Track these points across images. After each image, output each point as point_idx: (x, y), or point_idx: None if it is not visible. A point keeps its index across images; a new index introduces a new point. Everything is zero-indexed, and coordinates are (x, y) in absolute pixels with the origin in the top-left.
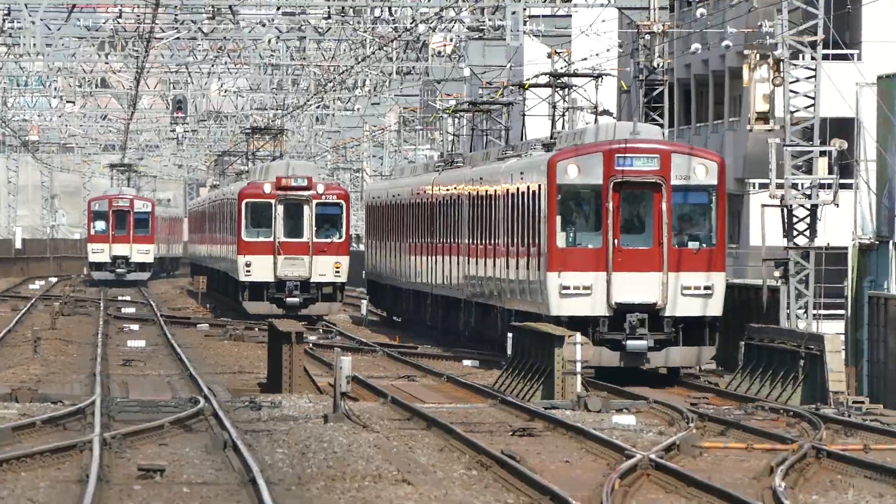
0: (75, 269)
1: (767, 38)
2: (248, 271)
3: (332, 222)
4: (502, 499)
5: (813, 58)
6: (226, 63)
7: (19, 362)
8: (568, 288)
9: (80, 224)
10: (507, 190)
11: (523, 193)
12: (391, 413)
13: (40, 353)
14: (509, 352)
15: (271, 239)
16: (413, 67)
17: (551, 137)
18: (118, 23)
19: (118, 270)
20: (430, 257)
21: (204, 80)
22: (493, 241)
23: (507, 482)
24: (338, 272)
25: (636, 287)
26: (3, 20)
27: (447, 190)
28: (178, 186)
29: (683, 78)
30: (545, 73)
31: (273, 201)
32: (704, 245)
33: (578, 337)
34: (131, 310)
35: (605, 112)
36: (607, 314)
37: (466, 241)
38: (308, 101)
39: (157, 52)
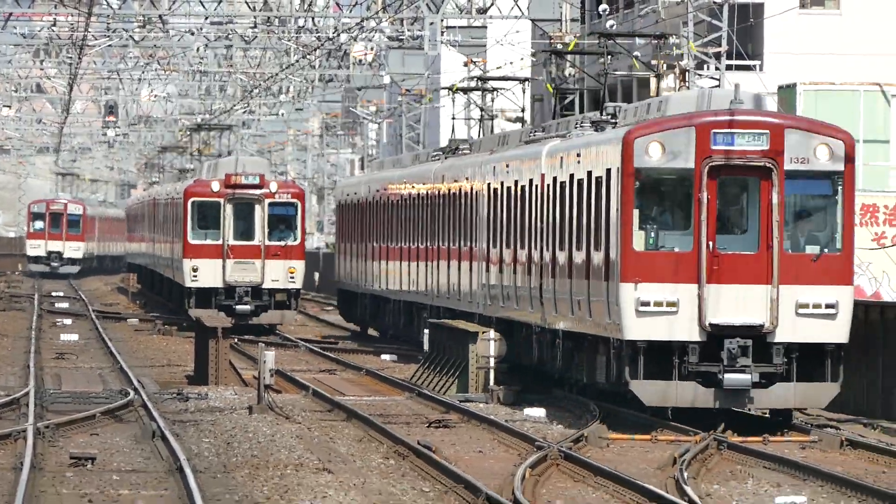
0: (10, 266)
1: (674, 49)
2: (195, 276)
3: (286, 223)
4: (418, 487)
5: (717, 68)
6: (156, 70)
7: None
8: (648, 304)
9: (16, 223)
10: (555, 178)
11: (580, 181)
12: (313, 405)
13: None
14: (426, 347)
15: (220, 241)
16: (335, 75)
17: (606, 113)
18: (52, 31)
19: (52, 263)
20: (429, 263)
21: (135, 86)
22: (528, 243)
23: (423, 471)
24: (292, 278)
25: (737, 304)
26: None
27: (456, 181)
28: (110, 188)
29: (593, 87)
30: (477, 77)
31: (222, 200)
32: (827, 250)
33: (492, 333)
34: (64, 305)
35: (520, 119)
36: (699, 339)
37: (485, 244)
38: (234, 106)
39: (89, 58)
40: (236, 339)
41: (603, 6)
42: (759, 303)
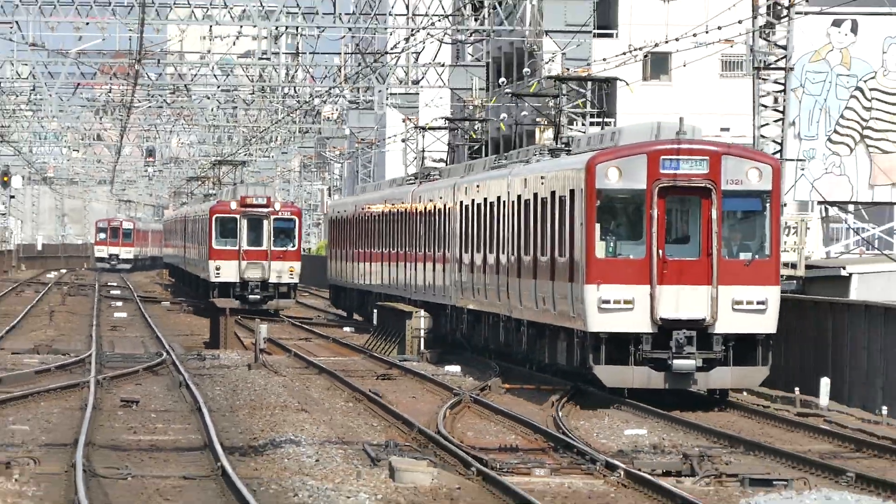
0: (79, 264)
1: (552, 109)
2: (218, 273)
3: (286, 234)
4: (370, 423)
5: (583, 123)
6: (182, 124)
7: (39, 327)
8: (608, 302)
9: (84, 234)
10: (519, 196)
11: (544, 199)
12: (294, 363)
13: (54, 321)
14: (374, 322)
15: (236, 247)
16: (310, 128)
17: (563, 143)
18: (109, 96)
19: (112, 262)
20: (407, 264)
21: (167, 136)
22: (496, 249)
23: (373, 411)
24: (291, 274)
25: (683, 302)
26: (30, 94)
27: (430, 200)
28: (148, 210)
29: (495, 136)
30: (445, 118)
31: (238, 216)
32: (757, 256)
33: (422, 312)
34: (117, 292)
35: (442, 160)
36: (651, 331)
37: (457, 249)
38: (238, 150)
39: (135, 116)
40: (239, 316)
41: (502, 79)
42: (701, 301)
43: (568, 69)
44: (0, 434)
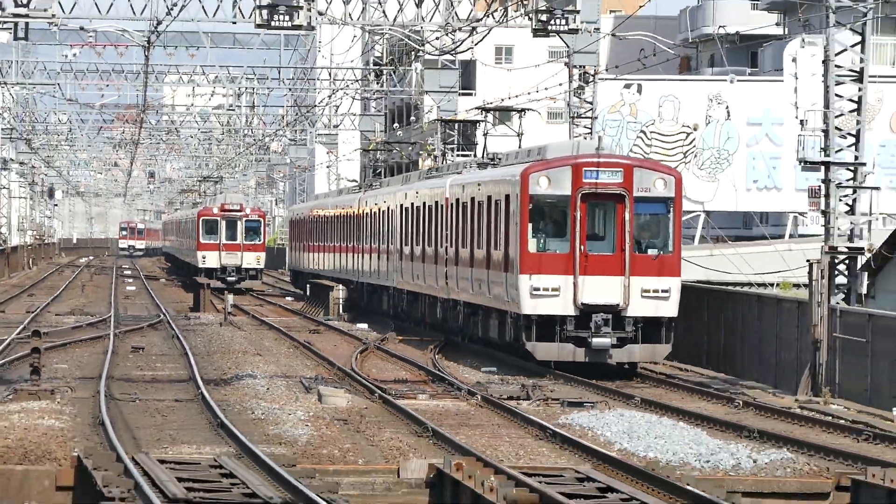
0: (101, 252)
1: (430, 145)
2: (204, 261)
3: (255, 231)
4: (304, 363)
5: (453, 156)
6: (173, 155)
7: (74, 297)
8: (538, 289)
9: (105, 231)
10: (458, 200)
11: (480, 203)
12: (252, 322)
13: (84, 292)
14: (307, 293)
15: (218, 241)
16: (262, 158)
17: (489, 158)
18: (122, 136)
19: (130, 251)
20: (354, 255)
21: (163, 163)
22: (434, 243)
23: (307, 355)
24: (258, 262)
25: (600, 289)
26: (68, 134)
27: (376, 204)
28: (150, 214)
29: (389, 163)
30: (384, 141)
31: (219, 218)
32: (662, 252)
33: (341, 287)
34: (129, 272)
35: (354, 180)
36: (574, 314)
37: (398, 243)
38: (213, 173)
39: (141, 149)
40: (212, 289)
41: (395, 124)
42: (615, 289)
43: (440, 118)
44: (47, 370)
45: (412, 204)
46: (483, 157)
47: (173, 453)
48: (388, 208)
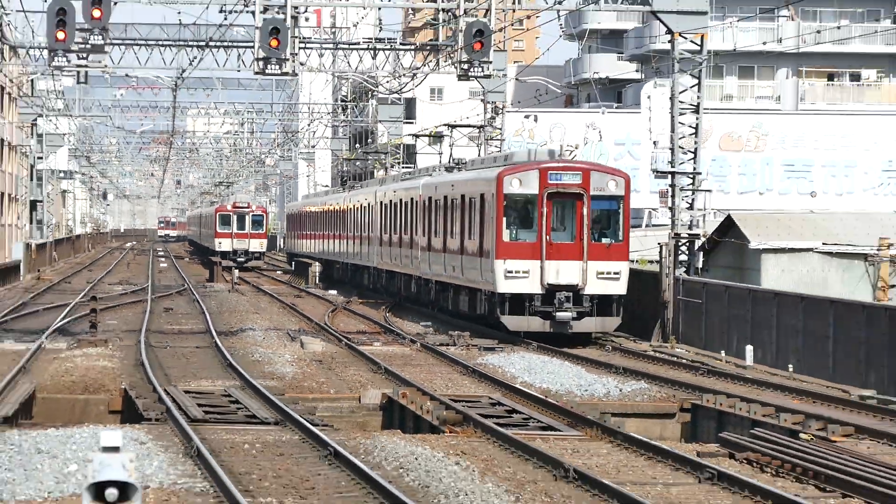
0: (141, 240)
1: (389, 156)
2: (220, 245)
3: (259, 223)
4: (290, 319)
5: (401, 165)
6: (195, 168)
7: (121, 272)
8: (511, 272)
9: (144, 224)
10: (430, 198)
11: (453, 200)
12: (252, 290)
13: (129, 268)
14: (292, 268)
15: (230, 231)
16: (259, 170)
17: (455, 162)
18: (157, 153)
19: (166, 238)
20: (341, 241)
21: (187, 174)
22: (410, 232)
23: (293, 313)
24: (262, 246)
25: (563, 272)
26: (116, 152)
27: (358, 201)
28: (176, 211)
29: (354, 172)
30: (363, 150)
31: (232, 213)
32: (613, 241)
33: (317, 264)
34: (162, 254)
35: (327, 185)
36: (541, 292)
37: (378, 231)
38: (224, 181)
39: (171, 163)
40: (223, 265)
41: (357, 145)
42: (575, 271)
43: (391, 139)
44: (102, 325)
45: (390, 201)
46: (450, 162)
47: (195, 386)
48: (369, 204)
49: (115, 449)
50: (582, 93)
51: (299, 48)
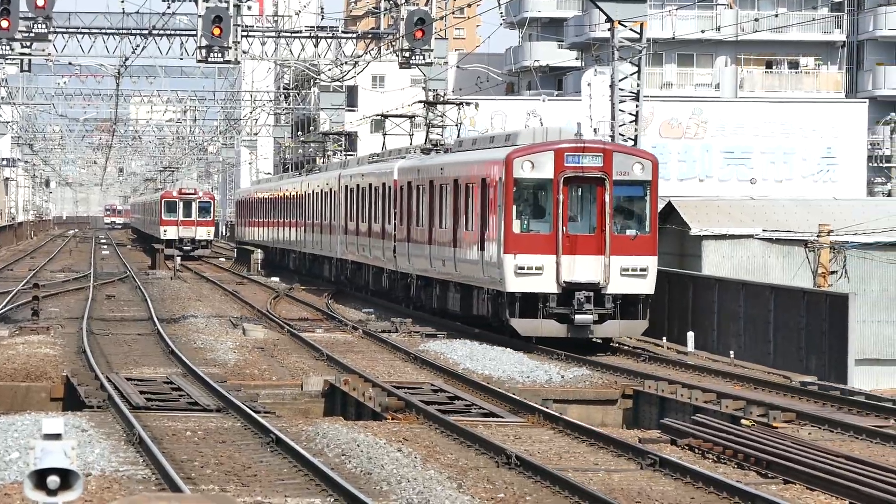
0: (84, 227)
1: (336, 144)
2: (166, 233)
3: (206, 210)
4: (233, 306)
5: (342, 153)
6: (137, 155)
7: (63, 259)
8: (523, 268)
9: (87, 211)
10: (409, 183)
11: (443, 186)
12: (194, 277)
13: (71, 255)
14: (234, 255)
15: (176, 218)
16: (201, 157)
17: (433, 144)
18: (100, 141)
19: (112, 225)
20: (299, 229)
21: (129, 161)
22: (382, 220)
23: (234, 300)
24: (209, 234)
25: (582, 268)
26: (59, 140)
27: (318, 185)
28: (119, 199)
29: (293, 160)
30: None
31: (177, 199)
32: (639, 232)
33: (259, 251)
34: (104, 241)
35: (269, 173)
36: (556, 291)
37: (342, 220)
38: (167, 167)
39: (113, 151)
40: (165, 252)
41: (299, 132)
42: (596, 267)
43: (332, 127)
44: (44, 312)
45: (357, 185)
46: (426, 144)
47: (137, 373)
48: (331, 189)
49: (57, 436)
50: (523, 80)
51: (242, 36)
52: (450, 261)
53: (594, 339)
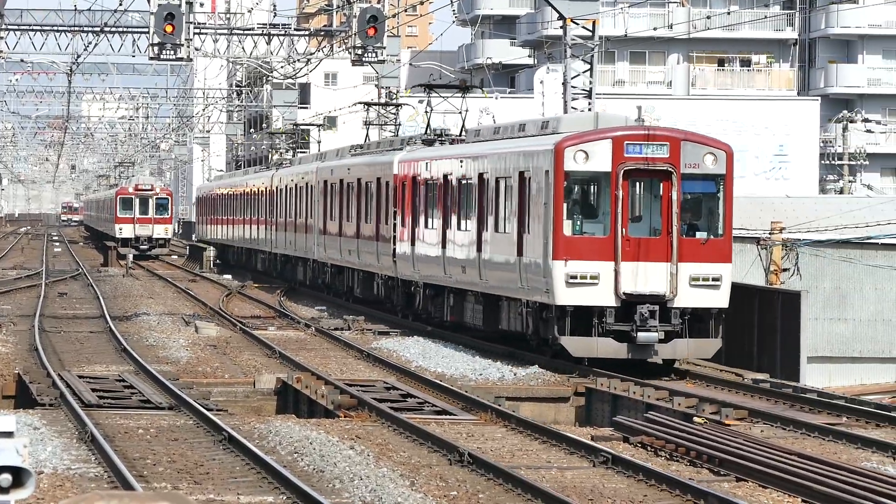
0: (36, 224)
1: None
2: (121, 232)
3: (164, 207)
4: (185, 303)
5: (296, 150)
6: (89, 152)
7: (15, 256)
8: (575, 277)
9: (39, 209)
10: (418, 177)
11: (464, 182)
12: (147, 275)
13: (24, 252)
14: (187, 253)
15: (133, 215)
16: (153, 155)
17: (436, 135)
18: (52, 138)
19: (68, 223)
20: (268, 227)
21: (82, 158)
22: (372, 222)
23: (187, 298)
24: (166, 232)
25: (644, 277)
26: (11, 137)
27: (292, 180)
28: (71, 195)
29: (245, 157)
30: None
31: (134, 196)
32: (712, 235)
33: (211, 248)
34: (56, 238)
35: (221, 170)
36: (615, 304)
37: (322, 220)
38: (122, 162)
39: (66, 148)
40: (118, 250)
41: (251, 130)
42: (661, 276)
43: (285, 125)
44: None
45: (340, 180)
46: (427, 134)
47: (89, 371)
48: (308, 184)
49: (9, 434)
50: (475, 78)
51: (194, 33)
52: (472, 267)
53: (658, 362)
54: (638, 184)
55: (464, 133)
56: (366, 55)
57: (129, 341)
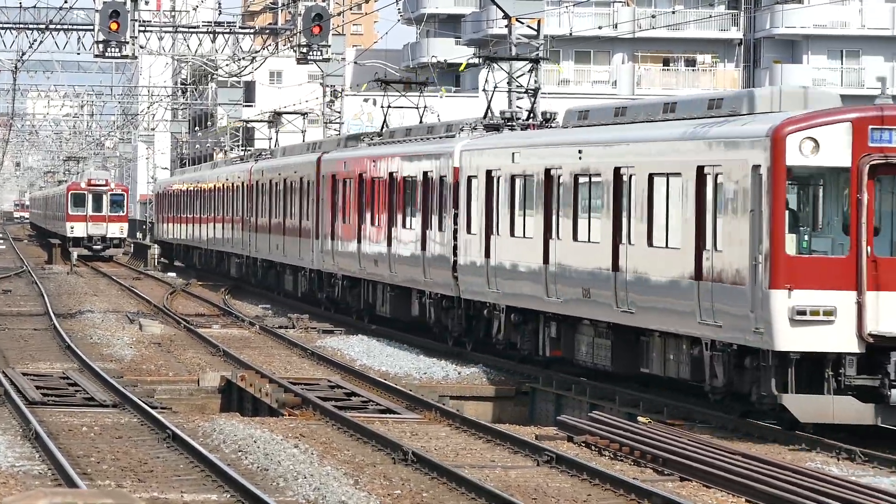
0: None
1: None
2: (73, 230)
3: (119, 204)
4: (129, 301)
5: (242, 147)
6: (34, 149)
7: None
8: (804, 312)
9: None
10: (492, 172)
11: (580, 178)
12: (91, 273)
13: None
14: (129, 251)
15: (85, 213)
16: (99, 152)
17: (505, 119)
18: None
19: (18, 220)
20: (246, 229)
21: (27, 155)
22: (410, 226)
23: (132, 295)
24: (122, 231)
25: None
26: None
27: (279, 175)
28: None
29: (191, 155)
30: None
31: (86, 192)
32: None
33: (156, 245)
34: (0, 237)
35: (166, 168)
36: (857, 351)
37: (326, 224)
38: (70, 157)
39: (10, 145)
40: (60, 247)
41: (196, 128)
42: None
43: (231, 122)
44: None
45: (360, 175)
46: (486, 118)
47: (33, 368)
48: (302, 178)
49: None
50: (420, 77)
51: (139, 31)
52: (606, 288)
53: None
54: (883, 185)
55: (570, 114)
56: (311, 53)
57: (74, 339)
